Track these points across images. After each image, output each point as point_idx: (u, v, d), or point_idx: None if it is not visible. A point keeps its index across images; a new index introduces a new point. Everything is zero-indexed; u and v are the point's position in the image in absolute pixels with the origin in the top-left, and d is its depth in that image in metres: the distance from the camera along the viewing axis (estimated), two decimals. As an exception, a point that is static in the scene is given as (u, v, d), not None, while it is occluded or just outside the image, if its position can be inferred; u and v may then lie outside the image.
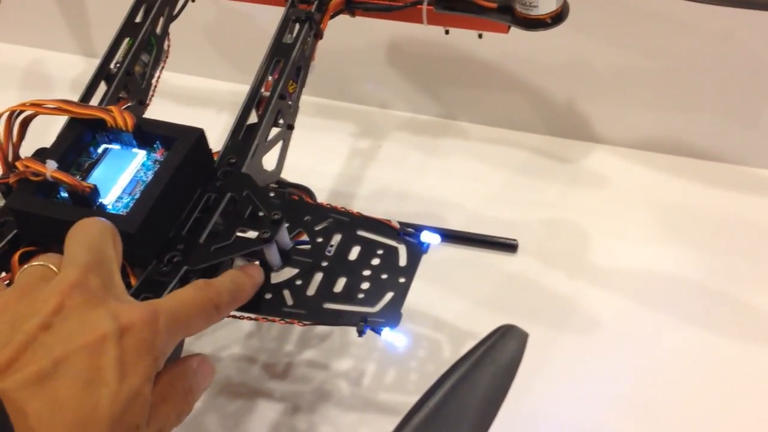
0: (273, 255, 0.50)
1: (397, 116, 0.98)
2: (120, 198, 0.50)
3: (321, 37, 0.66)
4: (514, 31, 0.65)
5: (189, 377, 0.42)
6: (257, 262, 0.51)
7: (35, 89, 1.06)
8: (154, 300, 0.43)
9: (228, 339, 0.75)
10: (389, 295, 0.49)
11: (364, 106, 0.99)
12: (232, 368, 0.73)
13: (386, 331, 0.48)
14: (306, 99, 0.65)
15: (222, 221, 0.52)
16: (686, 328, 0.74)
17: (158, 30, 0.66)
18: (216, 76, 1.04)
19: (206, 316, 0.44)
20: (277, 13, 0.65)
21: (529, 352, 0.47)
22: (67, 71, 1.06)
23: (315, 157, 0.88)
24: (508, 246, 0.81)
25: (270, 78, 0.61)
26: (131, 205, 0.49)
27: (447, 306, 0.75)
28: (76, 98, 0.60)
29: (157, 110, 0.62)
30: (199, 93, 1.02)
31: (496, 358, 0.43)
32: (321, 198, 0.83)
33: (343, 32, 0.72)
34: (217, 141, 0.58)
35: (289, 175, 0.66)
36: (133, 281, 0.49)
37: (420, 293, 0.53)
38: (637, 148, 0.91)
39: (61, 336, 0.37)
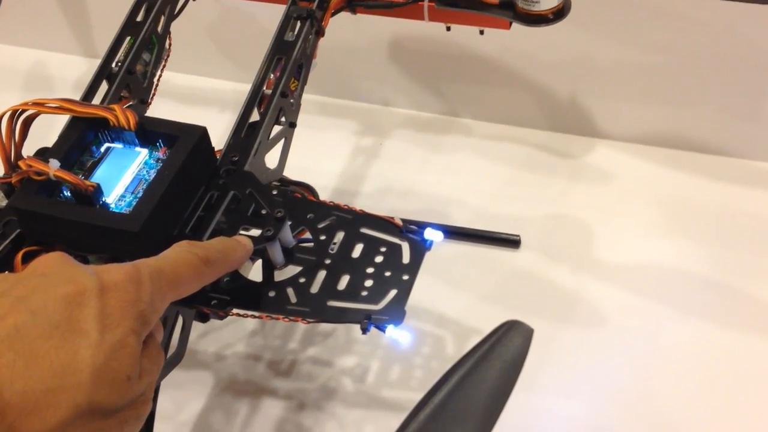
0: (276, 253, 0.50)
1: (399, 114, 0.98)
2: (123, 197, 0.50)
3: (322, 35, 0.66)
4: (516, 27, 0.65)
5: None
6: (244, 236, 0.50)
7: (37, 90, 1.06)
8: (137, 260, 0.41)
9: (232, 337, 0.75)
10: (393, 293, 0.49)
11: (366, 104, 0.99)
12: (236, 366, 0.73)
13: (390, 328, 0.48)
14: (308, 97, 0.64)
15: (225, 219, 0.51)
16: (690, 321, 0.74)
17: (159, 29, 0.66)
18: (217, 75, 1.04)
19: (195, 272, 0.43)
20: (279, 11, 0.65)
21: (533, 346, 0.47)
22: (69, 72, 1.06)
23: (318, 155, 0.88)
24: (511, 242, 0.81)
25: (272, 76, 0.61)
26: (134, 203, 0.49)
27: (450, 302, 0.76)
28: (77, 99, 0.60)
29: (159, 110, 0.62)
30: (201, 92, 1.02)
31: (501, 353, 0.42)
32: (324, 196, 0.83)
33: (344, 30, 0.72)
34: (219, 140, 0.58)
35: (291, 173, 0.66)
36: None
37: (424, 290, 0.53)
38: (640, 142, 0.91)
39: (41, 289, 0.36)
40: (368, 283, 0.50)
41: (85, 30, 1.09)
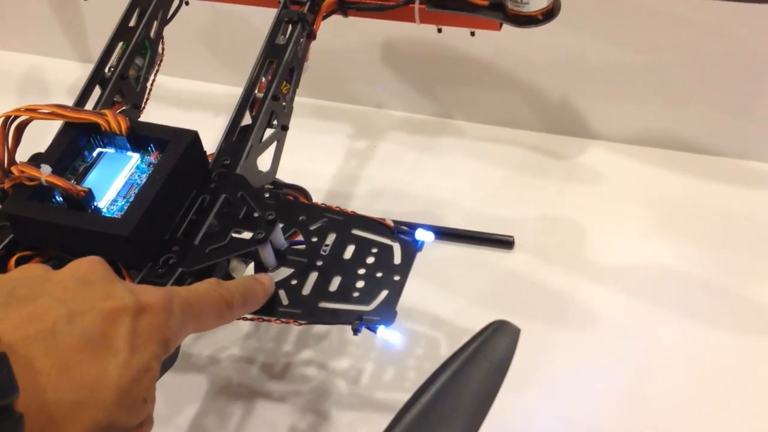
0: (268, 255, 0.51)
1: (393, 116, 0.98)
2: (115, 201, 0.51)
3: (314, 38, 0.66)
4: (507, 28, 0.65)
5: None
6: (267, 274, 0.51)
7: (32, 95, 1.06)
8: (170, 286, 0.43)
9: (227, 340, 0.75)
10: (384, 293, 0.49)
11: (359, 107, 0.99)
12: (231, 369, 0.73)
13: (382, 329, 0.48)
14: (301, 100, 0.65)
15: (217, 222, 0.52)
16: (684, 322, 0.74)
17: (152, 33, 0.67)
18: (212, 78, 1.04)
19: (217, 312, 0.45)
20: (272, 14, 0.65)
21: (527, 348, 0.47)
22: (65, 77, 1.06)
23: (311, 157, 0.88)
24: (504, 243, 0.81)
25: (263, 79, 0.62)
26: (126, 208, 0.49)
27: (444, 303, 0.76)
28: (72, 104, 0.60)
29: (153, 114, 0.62)
30: (195, 96, 1.02)
31: (488, 353, 0.43)
32: (318, 198, 0.83)
33: (337, 33, 0.72)
34: (213, 143, 0.58)
35: (286, 175, 0.66)
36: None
37: (417, 291, 0.53)
38: (633, 143, 0.91)
39: (81, 297, 0.37)
40: (360, 284, 0.50)
41: (81, 35, 1.09)
